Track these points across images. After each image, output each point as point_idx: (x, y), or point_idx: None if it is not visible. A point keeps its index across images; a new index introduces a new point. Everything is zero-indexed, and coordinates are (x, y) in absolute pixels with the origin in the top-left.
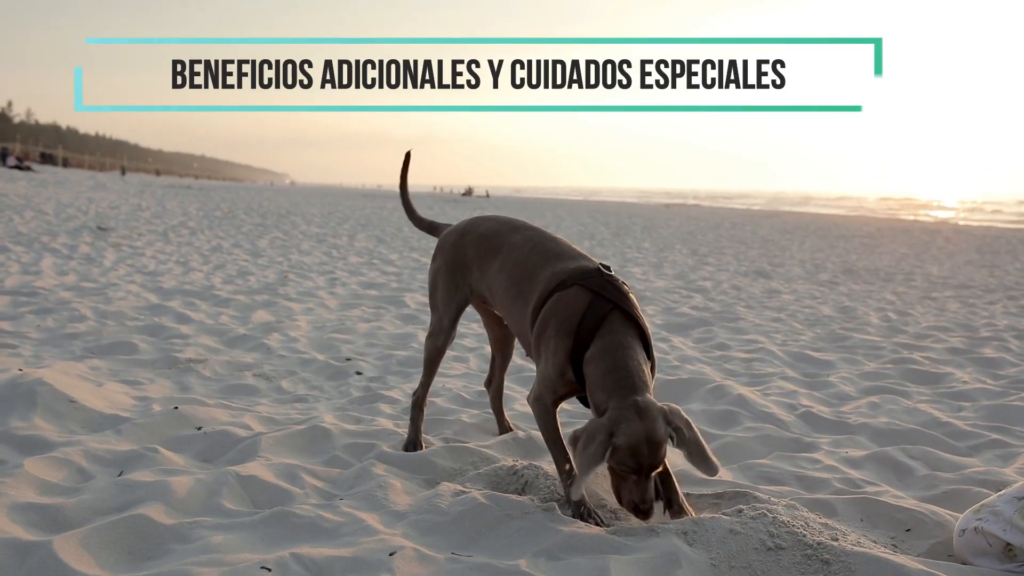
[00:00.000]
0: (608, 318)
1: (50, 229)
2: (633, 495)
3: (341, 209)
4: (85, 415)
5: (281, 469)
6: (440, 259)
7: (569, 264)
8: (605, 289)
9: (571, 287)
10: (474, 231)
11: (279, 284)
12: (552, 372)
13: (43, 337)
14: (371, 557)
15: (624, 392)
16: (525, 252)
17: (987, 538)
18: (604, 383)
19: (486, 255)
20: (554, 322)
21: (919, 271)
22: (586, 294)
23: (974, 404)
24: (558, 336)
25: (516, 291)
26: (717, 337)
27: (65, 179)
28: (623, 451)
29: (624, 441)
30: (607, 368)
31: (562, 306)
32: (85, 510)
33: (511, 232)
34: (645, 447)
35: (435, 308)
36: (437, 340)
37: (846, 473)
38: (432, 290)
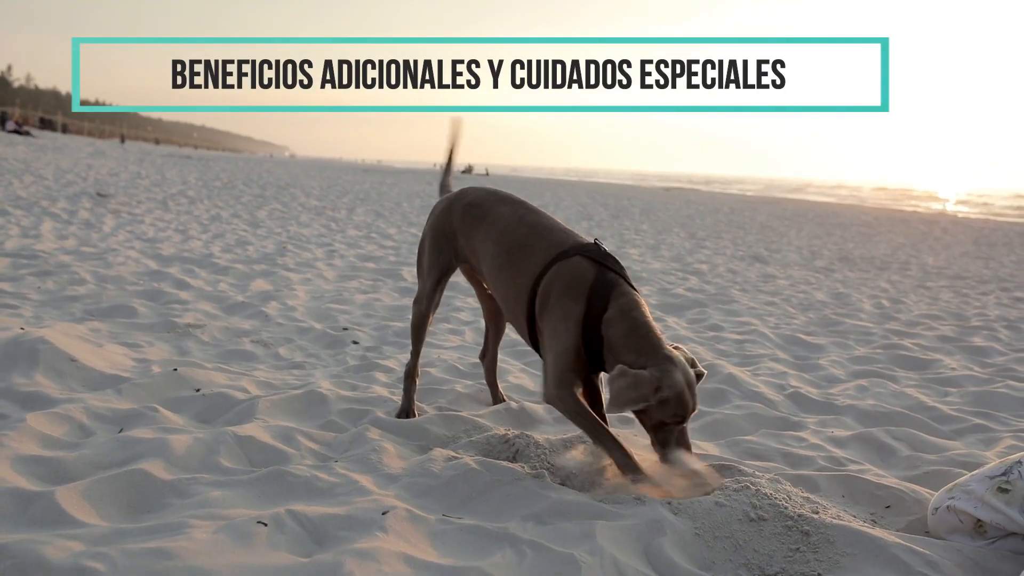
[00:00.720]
0: (617, 284)
1: (49, 194)
2: (681, 443)
3: (340, 183)
4: (86, 374)
5: (278, 431)
6: (429, 224)
7: (563, 237)
8: (607, 260)
9: (573, 256)
10: (462, 200)
11: (277, 255)
12: (569, 343)
13: (43, 299)
14: (364, 516)
15: (654, 349)
16: (512, 222)
17: (959, 515)
18: (628, 342)
19: (471, 223)
20: (561, 290)
21: (915, 260)
22: (591, 264)
23: (960, 390)
24: (568, 303)
25: (504, 259)
26: (711, 318)
27: (64, 145)
28: (672, 402)
29: (671, 393)
30: (629, 327)
31: (567, 274)
32: (86, 464)
33: (498, 203)
34: (689, 394)
35: (420, 273)
36: (421, 305)
37: (830, 452)
38: (419, 255)
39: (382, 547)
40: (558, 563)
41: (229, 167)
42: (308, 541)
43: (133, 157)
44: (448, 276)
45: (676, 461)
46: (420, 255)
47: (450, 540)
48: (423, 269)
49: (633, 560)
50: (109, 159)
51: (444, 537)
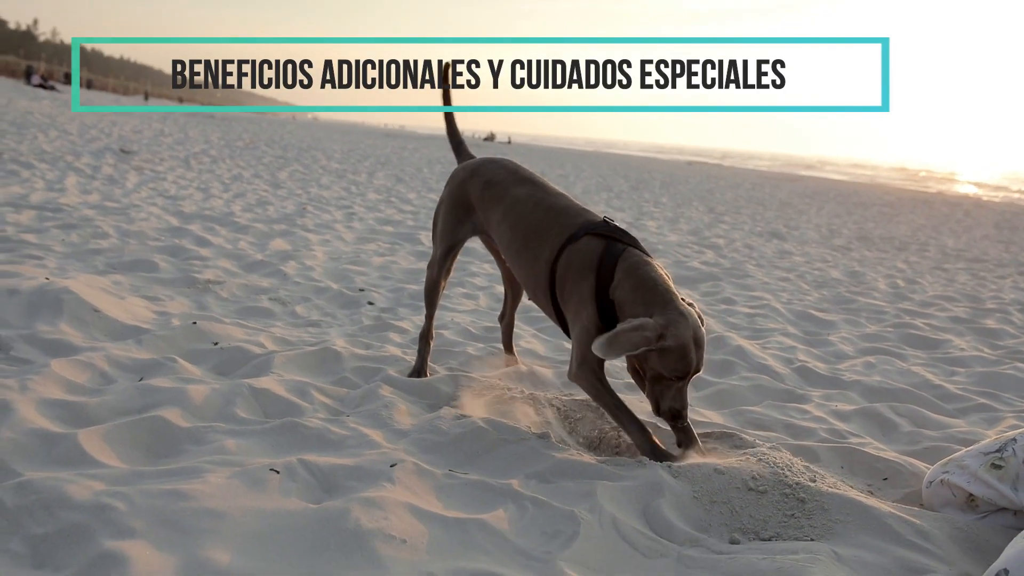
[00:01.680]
0: (625, 251)
1: (74, 149)
2: (675, 401)
3: (362, 147)
4: (108, 324)
5: (292, 385)
6: (447, 192)
7: (574, 219)
8: (615, 233)
9: (581, 238)
10: (482, 174)
11: (297, 215)
12: (590, 324)
13: (67, 251)
14: (373, 467)
15: (663, 302)
16: (529, 207)
17: (952, 489)
18: (636, 296)
19: (489, 202)
20: (573, 271)
21: (934, 242)
22: (598, 240)
23: (968, 370)
24: (580, 281)
25: (521, 243)
26: (724, 292)
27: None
28: (674, 353)
29: (674, 343)
30: (635, 284)
31: (576, 255)
32: (107, 409)
33: (516, 184)
34: (693, 350)
35: (434, 239)
36: (433, 270)
37: (833, 425)
38: (435, 220)
39: (388, 497)
40: (558, 519)
41: (252, 128)
42: (318, 489)
43: (156, 115)
44: (462, 245)
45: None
46: (436, 221)
47: (455, 494)
48: (438, 235)
49: (631, 519)
50: (134, 116)
51: (449, 491)
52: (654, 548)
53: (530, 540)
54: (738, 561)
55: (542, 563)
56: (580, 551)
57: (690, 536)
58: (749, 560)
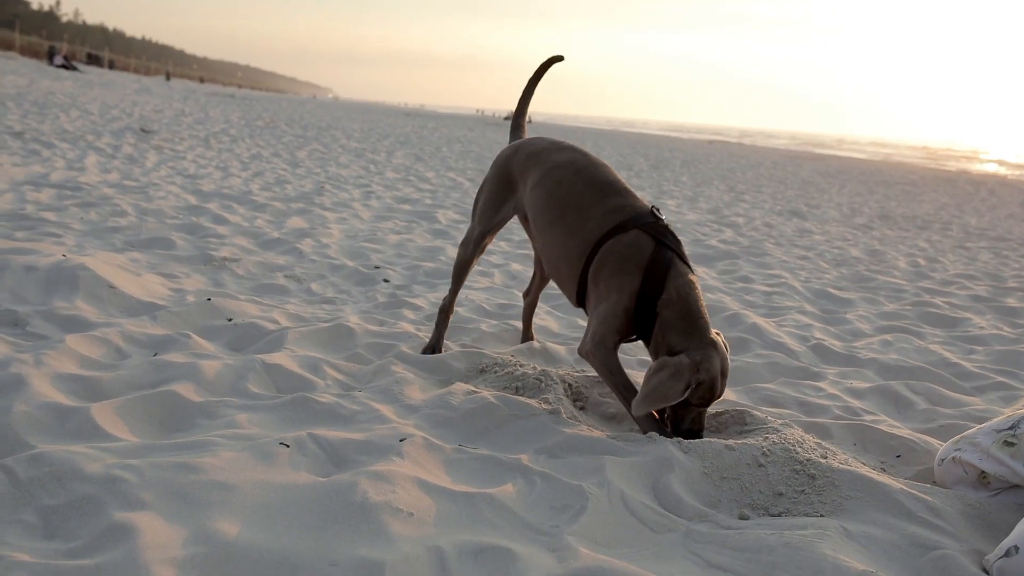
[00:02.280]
0: (673, 263)
1: (95, 128)
2: (695, 424)
3: (382, 126)
4: (123, 300)
5: (305, 361)
6: (492, 170)
7: (620, 201)
8: (665, 236)
9: (631, 231)
10: (526, 147)
11: (315, 194)
12: (619, 310)
13: (86, 229)
14: (382, 442)
15: (700, 334)
16: (569, 173)
17: (964, 467)
18: (680, 325)
19: (529, 169)
20: (617, 264)
21: (957, 221)
22: (648, 239)
23: (986, 348)
24: (625, 276)
25: (557, 213)
26: (741, 270)
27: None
28: (704, 387)
29: (706, 377)
30: (683, 311)
31: (625, 248)
32: (121, 384)
33: (556, 151)
34: (720, 381)
35: (473, 216)
36: (467, 249)
37: (847, 402)
38: (476, 198)
39: (397, 470)
40: (566, 493)
41: (272, 107)
42: (327, 463)
43: (178, 95)
44: (502, 224)
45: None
46: (478, 198)
47: (464, 468)
48: (478, 213)
49: (640, 494)
50: (154, 96)
51: (458, 465)
52: (662, 523)
53: (538, 514)
54: (746, 536)
55: (549, 537)
56: (588, 525)
57: (699, 511)
58: (758, 535)
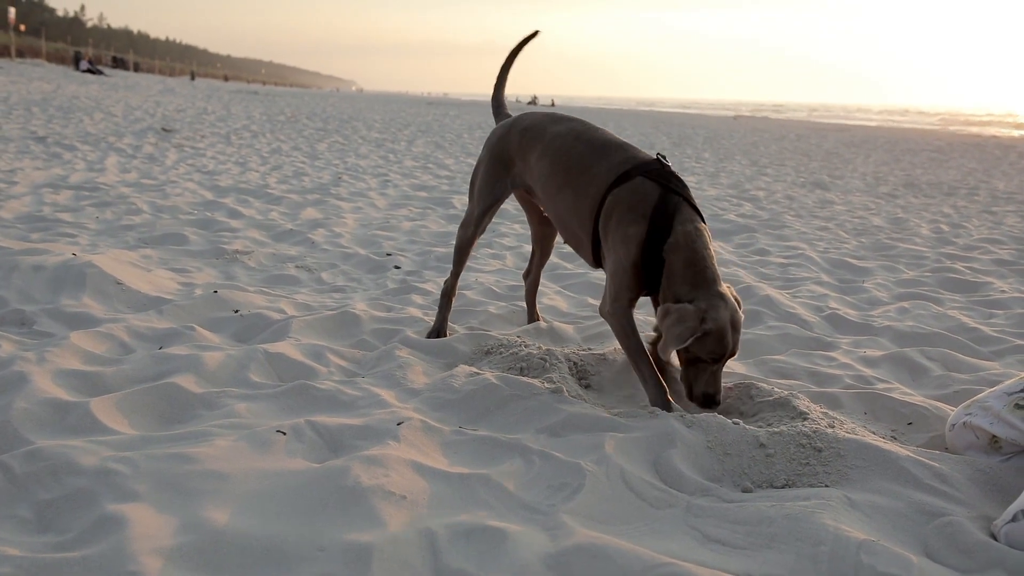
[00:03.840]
0: (680, 208)
1: (117, 130)
2: (708, 386)
3: (403, 116)
4: (131, 296)
5: (309, 349)
6: (485, 150)
7: (621, 155)
8: (670, 181)
9: (635, 178)
10: (520, 124)
11: (332, 185)
12: (627, 263)
13: (100, 228)
14: (380, 426)
15: (708, 284)
16: (569, 140)
17: (975, 431)
18: (687, 275)
19: (528, 145)
20: (623, 213)
21: (984, 186)
22: (653, 185)
23: (1007, 312)
24: (630, 225)
25: (563, 179)
26: (758, 243)
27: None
28: (712, 338)
29: (713, 327)
30: (688, 259)
31: (629, 196)
32: (123, 378)
33: (553, 123)
34: (731, 333)
35: (471, 197)
36: (467, 230)
37: (860, 371)
38: (472, 179)
39: (391, 454)
40: (564, 472)
41: (295, 102)
42: (324, 449)
43: (201, 94)
44: (500, 204)
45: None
46: (473, 179)
47: (463, 450)
48: (475, 194)
49: (640, 470)
50: (178, 96)
51: (457, 447)
52: (663, 499)
53: (535, 494)
54: (747, 509)
55: (545, 516)
56: (585, 503)
57: (701, 486)
58: (758, 508)
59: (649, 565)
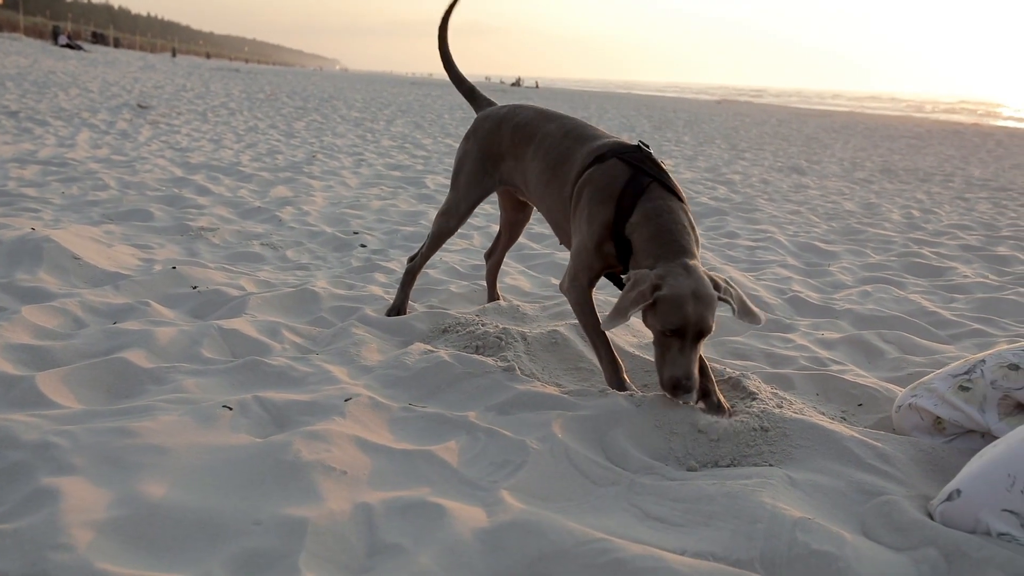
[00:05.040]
0: (650, 188)
1: (92, 106)
2: (676, 367)
3: (385, 95)
4: (88, 271)
5: (264, 325)
6: (473, 142)
7: (603, 141)
8: (644, 163)
9: (609, 160)
10: (511, 120)
11: (305, 163)
12: (589, 243)
13: (65, 203)
14: (327, 402)
15: (670, 255)
16: (559, 137)
17: (920, 413)
18: (649, 247)
19: (520, 144)
20: (591, 192)
21: (960, 172)
22: (624, 166)
23: (968, 296)
24: (596, 205)
25: (550, 174)
26: (728, 226)
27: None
28: (668, 303)
29: (670, 292)
30: (652, 232)
31: (600, 176)
32: (72, 353)
33: (546, 121)
34: (691, 302)
35: (456, 188)
36: (450, 220)
37: (816, 353)
38: (457, 170)
39: (335, 430)
40: (509, 449)
41: (276, 80)
42: (270, 424)
43: (182, 71)
44: (486, 197)
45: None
46: (459, 170)
47: (409, 427)
48: (460, 186)
49: (585, 448)
50: (158, 72)
51: (404, 424)
52: (606, 476)
53: (477, 470)
54: (687, 487)
55: (486, 492)
56: (526, 479)
57: (645, 464)
58: (699, 486)
59: (581, 541)
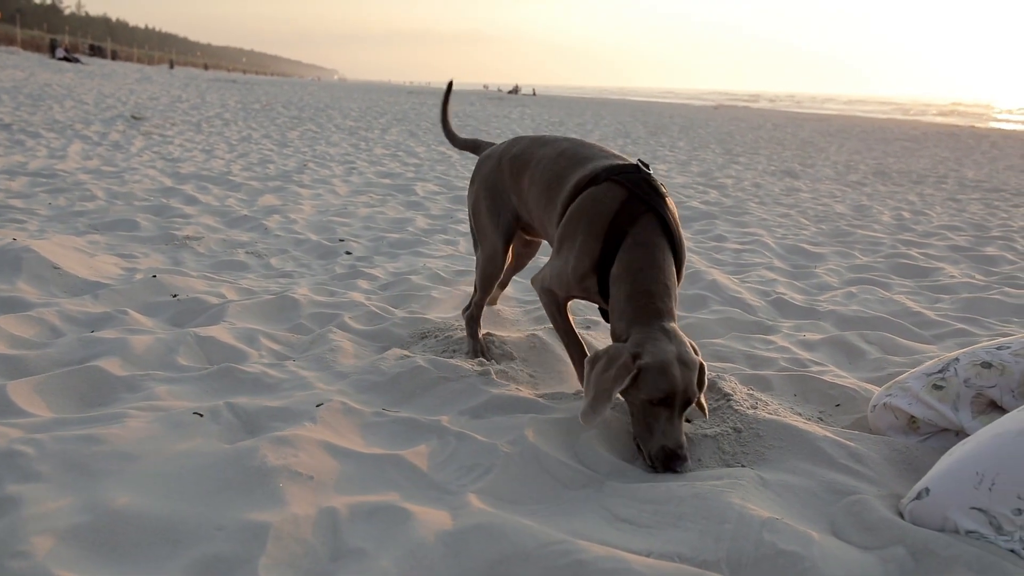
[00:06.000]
0: (640, 222)
1: (86, 118)
2: (666, 437)
3: (381, 104)
4: (67, 281)
5: (242, 332)
6: (479, 183)
7: (602, 162)
8: (640, 187)
9: (603, 182)
10: (508, 153)
11: (296, 172)
12: (570, 274)
13: (52, 214)
14: (299, 408)
15: (647, 319)
16: (552, 159)
17: (894, 412)
18: (625, 311)
19: (518, 174)
20: (582, 221)
21: (954, 174)
22: (619, 190)
23: (953, 297)
24: (585, 237)
25: (546, 199)
26: (717, 229)
27: (112, 71)
28: (653, 372)
29: (653, 360)
30: (629, 293)
31: (591, 203)
32: (47, 361)
33: (540, 147)
34: (677, 368)
35: (484, 234)
36: (496, 261)
37: (796, 354)
38: (475, 214)
39: (304, 435)
40: (479, 452)
41: (273, 90)
42: (241, 431)
43: (179, 82)
44: (513, 236)
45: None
46: (477, 215)
47: (381, 432)
48: (486, 229)
49: (556, 451)
50: (154, 84)
51: (376, 429)
52: (576, 479)
53: (447, 474)
54: (657, 489)
55: (454, 496)
56: (495, 483)
57: (617, 466)
58: (669, 487)
59: (543, 543)
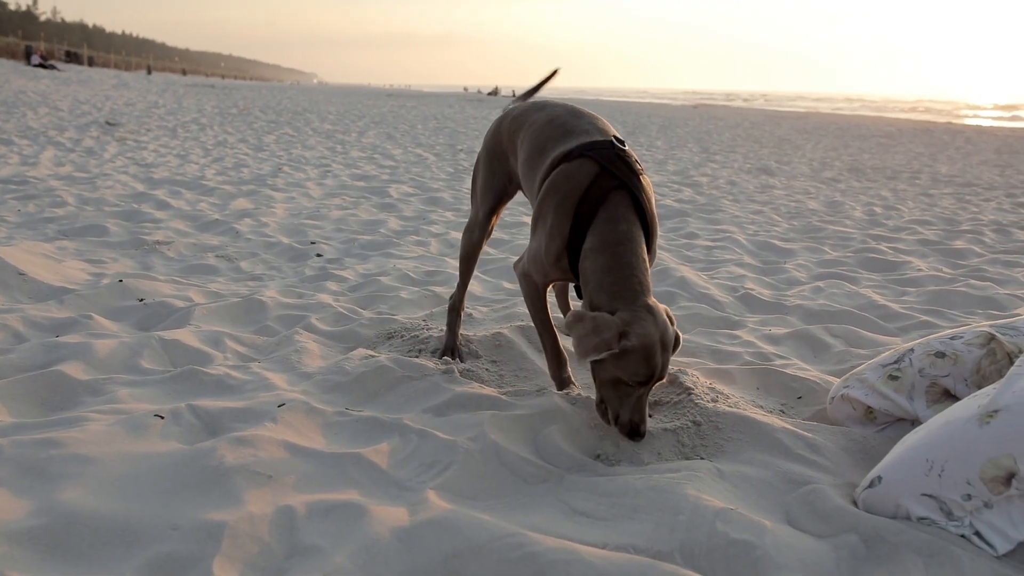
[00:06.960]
0: (611, 198)
1: (60, 124)
2: (635, 413)
3: (359, 107)
4: (33, 287)
5: (207, 335)
6: (482, 147)
7: (583, 137)
8: (613, 163)
9: (575, 160)
10: (510, 115)
11: (271, 176)
12: (544, 257)
13: (20, 221)
14: (261, 408)
15: (630, 295)
16: (542, 126)
17: (851, 403)
18: (604, 283)
19: (514, 135)
20: (553, 198)
21: (928, 170)
22: (591, 166)
23: (919, 290)
24: (556, 215)
25: (528, 168)
26: (689, 227)
27: (88, 78)
28: (635, 356)
29: (637, 343)
30: (607, 265)
31: (563, 179)
32: (8, 367)
33: (536, 111)
34: (658, 353)
35: (473, 200)
36: (472, 234)
37: (761, 348)
38: (473, 181)
39: (264, 435)
40: (439, 449)
41: (251, 95)
42: (202, 432)
43: (156, 88)
44: (504, 202)
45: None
46: (474, 181)
47: (343, 431)
48: (477, 194)
49: (517, 447)
50: (131, 90)
51: (338, 428)
52: (537, 474)
53: (406, 471)
54: (615, 482)
55: (413, 492)
56: (454, 479)
57: (577, 461)
58: (626, 480)
59: (496, 536)
